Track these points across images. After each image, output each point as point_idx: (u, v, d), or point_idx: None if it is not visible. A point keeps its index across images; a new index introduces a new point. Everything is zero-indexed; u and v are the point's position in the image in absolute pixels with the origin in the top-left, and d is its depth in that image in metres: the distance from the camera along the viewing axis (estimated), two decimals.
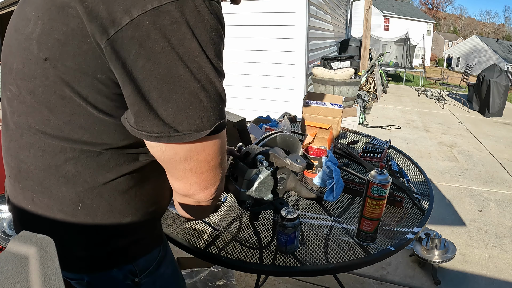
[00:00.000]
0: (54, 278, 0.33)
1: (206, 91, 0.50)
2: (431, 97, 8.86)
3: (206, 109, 0.51)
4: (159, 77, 0.47)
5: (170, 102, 0.49)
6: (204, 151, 0.55)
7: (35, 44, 0.51)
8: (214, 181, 0.60)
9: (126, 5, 0.45)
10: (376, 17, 24.44)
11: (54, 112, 0.53)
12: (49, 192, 0.58)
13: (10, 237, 1.36)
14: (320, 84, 4.41)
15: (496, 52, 24.30)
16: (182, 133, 0.51)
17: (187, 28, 0.47)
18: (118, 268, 0.65)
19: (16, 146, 0.59)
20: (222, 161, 0.60)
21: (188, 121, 0.50)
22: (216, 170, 0.60)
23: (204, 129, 0.52)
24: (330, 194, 1.18)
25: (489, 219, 2.84)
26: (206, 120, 0.52)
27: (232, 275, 1.76)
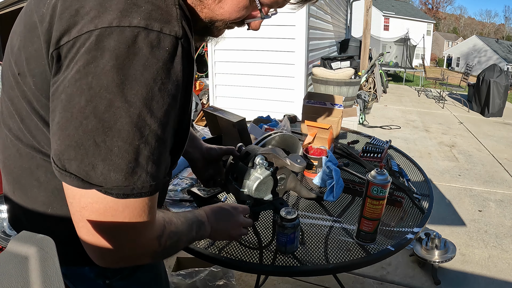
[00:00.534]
0: (54, 278, 0.33)
1: (108, 137, 0.42)
2: (431, 97, 8.86)
3: (103, 159, 0.43)
4: (64, 102, 0.43)
5: (63, 133, 0.43)
6: (85, 200, 0.45)
7: (14, 57, 0.54)
8: (100, 252, 0.49)
9: (68, 25, 0.45)
10: (376, 17, 24.44)
11: (25, 123, 0.55)
12: (25, 190, 0.60)
13: (10, 237, 1.36)
14: (320, 84, 4.41)
15: (496, 52, 24.30)
16: (65, 172, 0.44)
17: (111, 57, 0.42)
18: (90, 267, 0.65)
19: (2, 143, 0.62)
20: (118, 232, 0.48)
21: (76, 162, 0.43)
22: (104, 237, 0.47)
23: (92, 182, 0.43)
24: (330, 194, 1.18)
25: (489, 219, 2.84)
26: (100, 173, 0.43)
27: (232, 275, 1.76)
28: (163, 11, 0.46)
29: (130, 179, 0.44)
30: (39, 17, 0.49)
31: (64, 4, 0.46)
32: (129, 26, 0.43)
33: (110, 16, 0.43)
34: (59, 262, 0.63)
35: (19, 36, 0.54)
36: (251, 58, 3.84)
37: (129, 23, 0.43)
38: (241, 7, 0.56)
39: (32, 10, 0.52)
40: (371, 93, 6.86)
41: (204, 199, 1.14)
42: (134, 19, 0.44)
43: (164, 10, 0.46)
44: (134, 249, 0.51)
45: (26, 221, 0.63)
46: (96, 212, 0.46)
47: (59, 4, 0.47)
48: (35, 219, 0.62)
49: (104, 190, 0.44)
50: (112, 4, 0.44)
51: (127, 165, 0.44)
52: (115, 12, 0.44)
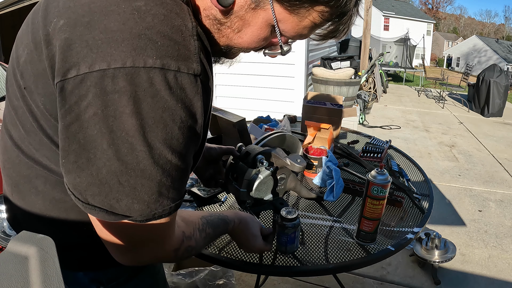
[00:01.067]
0: (54, 278, 0.33)
1: (132, 177, 0.44)
2: (431, 97, 8.86)
3: (127, 195, 0.44)
4: (82, 142, 0.43)
5: (84, 172, 0.44)
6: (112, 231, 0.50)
7: (20, 69, 0.52)
8: (125, 259, 0.54)
9: (78, 58, 0.42)
10: (376, 17, 24.44)
11: (28, 135, 0.54)
12: (23, 196, 0.60)
13: (10, 237, 1.36)
14: (320, 84, 4.41)
15: (496, 52, 24.31)
16: (89, 205, 0.45)
17: (129, 100, 0.41)
18: (84, 272, 0.65)
19: (3, 146, 0.62)
20: (141, 247, 0.53)
21: (100, 198, 0.45)
22: (130, 251, 0.53)
23: (117, 212, 0.45)
24: (330, 194, 1.18)
25: (489, 219, 2.84)
26: (125, 205, 0.45)
27: (232, 275, 1.76)
28: (180, 46, 0.44)
29: (152, 207, 0.46)
30: (44, 37, 0.47)
31: (73, 32, 0.43)
32: (144, 67, 0.42)
33: (123, 54, 0.41)
34: None
35: (26, 48, 0.51)
36: (251, 58, 3.83)
37: (144, 64, 0.42)
38: (261, 38, 0.54)
39: (39, 25, 0.49)
40: (371, 93, 6.86)
41: (204, 199, 1.14)
42: (149, 59, 0.42)
43: (181, 44, 0.44)
44: (152, 257, 0.56)
45: (24, 222, 0.64)
46: (123, 234, 0.50)
47: (68, 31, 0.44)
48: (32, 223, 0.62)
49: (129, 219, 0.47)
50: (125, 39, 0.42)
51: (149, 197, 0.45)
52: (129, 49, 0.41)
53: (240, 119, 1.31)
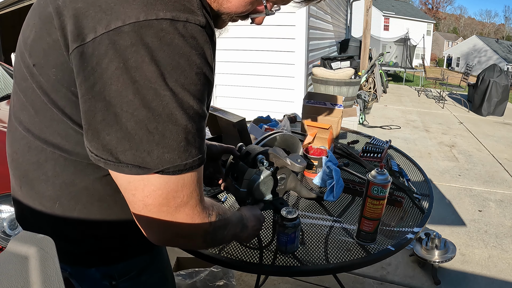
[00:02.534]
0: (54, 278, 0.33)
1: (160, 123, 0.45)
2: (431, 97, 8.86)
3: (158, 144, 0.46)
4: (108, 99, 0.45)
5: (113, 128, 0.45)
6: (149, 188, 0.49)
7: (28, 49, 0.54)
8: (160, 228, 0.53)
9: (94, 22, 0.45)
10: (376, 17, 24.44)
11: (38, 114, 0.55)
12: (32, 185, 0.60)
13: (10, 237, 1.36)
14: (320, 84, 4.41)
15: (496, 52, 24.30)
16: (121, 164, 0.46)
17: (147, 51, 0.44)
18: (96, 268, 0.65)
19: (12, 137, 0.62)
20: (177, 208, 0.51)
21: (132, 152, 0.46)
22: (165, 219, 0.51)
23: (149, 167, 0.46)
24: (330, 194, 1.18)
25: (489, 219, 2.84)
26: (157, 156, 0.46)
27: (232, 275, 1.76)
28: (185, 1, 0.48)
29: (183, 156, 0.48)
30: (55, 9, 0.49)
31: (85, 0, 0.46)
32: (157, 19, 0.45)
33: (136, 11, 0.44)
34: (65, 262, 0.64)
35: (33, 28, 0.53)
36: (251, 58, 3.84)
37: (156, 16, 0.45)
38: (247, 2, 0.58)
39: (46, 2, 0.51)
40: (371, 93, 6.86)
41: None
42: (160, 12, 0.45)
43: (185, 0, 0.48)
44: (190, 225, 0.54)
45: (32, 217, 0.63)
46: (160, 197, 0.49)
47: (80, 1, 0.47)
48: (41, 215, 0.61)
49: (162, 172, 0.47)
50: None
51: (178, 145, 0.47)
52: (140, 6, 0.45)
53: (240, 119, 1.31)
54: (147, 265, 0.71)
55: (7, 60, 5.26)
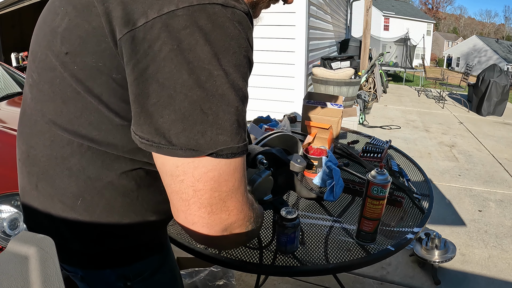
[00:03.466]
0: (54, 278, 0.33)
1: (213, 104, 0.46)
2: (431, 97, 8.86)
3: (211, 125, 0.46)
4: (161, 81, 0.45)
5: (167, 109, 0.45)
6: (200, 170, 0.47)
7: (59, 38, 0.53)
8: (210, 220, 0.50)
9: (144, 7, 0.46)
10: (376, 17, 24.44)
11: (67, 104, 0.54)
12: (53, 182, 0.59)
13: (10, 237, 1.36)
14: (320, 84, 4.41)
15: (496, 52, 24.30)
16: (174, 147, 0.46)
17: (200, 33, 0.45)
18: (111, 269, 0.65)
19: (29, 131, 0.61)
20: (228, 195, 0.50)
21: (185, 134, 0.45)
22: (216, 206, 0.50)
23: (203, 149, 0.46)
24: (330, 194, 1.18)
25: (489, 219, 2.84)
26: (210, 138, 0.46)
27: (232, 275, 1.76)
28: None
29: (235, 139, 0.48)
30: None
31: None
32: (210, 3, 0.46)
33: None
34: (78, 264, 0.64)
35: (65, 16, 0.53)
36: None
37: (209, 1, 0.46)
38: None
39: None
40: (371, 93, 6.86)
41: None
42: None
43: None
44: (238, 216, 0.53)
45: (47, 219, 0.61)
46: (211, 181, 0.48)
47: None
48: (60, 215, 0.60)
49: (216, 154, 0.47)
50: None
51: (231, 126, 0.47)
52: None
53: None
54: (159, 264, 0.71)
55: (7, 60, 5.25)
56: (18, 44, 6.05)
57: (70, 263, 0.65)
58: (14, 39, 6.29)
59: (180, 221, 0.52)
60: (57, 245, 0.56)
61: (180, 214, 0.51)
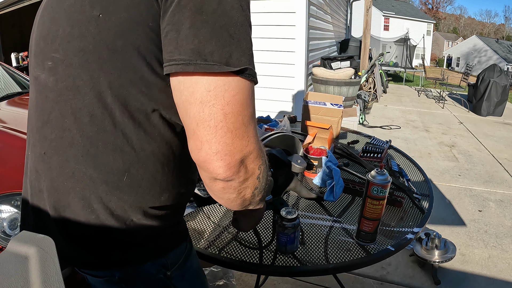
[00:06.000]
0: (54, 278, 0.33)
1: (237, 29, 0.52)
2: (431, 97, 8.86)
3: (237, 47, 0.51)
4: (194, 8, 0.50)
5: (201, 31, 0.50)
6: (229, 93, 0.51)
7: (87, 4, 0.54)
8: (233, 147, 0.52)
9: None
10: (376, 17, 24.44)
11: (104, 67, 0.54)
12: (95, 161, 0.57)
13: (10, 237, 1.36)
14: (320, 84, 4.41)
15: (496, 52, 24.30)
16: (210, 62, 0.50)
17: None
18: (152, 261, 0.64)
19: (59, 115, 0.58)
20: (248, 121, 0.54)
21: (218, 52, 0.50)
22: (239, 131, 0.53)
23: (234, 65, 0.51)
24: (330, 194, 1.18)
25: (489, 219, 2.84)
26: (236, 58, 0.51)
27: (232, 275, 1.76)
28: None
29: (252, 64, 0.54)
30: None
31: None
32: None
33: None
34: (116, 266, 0.63)
35: None
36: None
37: None
38: None
39: None
40: (371, 93, 6.86)
41: (204, 199, 1.14)
42: None
43: None
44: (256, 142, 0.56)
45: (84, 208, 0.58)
46: (238, 104, 0.52)
47: None
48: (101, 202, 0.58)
49: (243, 74, 0.52)
50: None
51: (249, 52, 0.54)
52: None
53: None
54: (189, 250, 0.73)
55: (7, 60, 5.25)
56: (18, 44, 6.05)
57: (108, 267, 0.63)
58: (14, 39, 6.29)
59: (202, 154, 0.53)
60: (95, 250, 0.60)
61: (204, 146, 0.52)
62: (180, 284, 0.70)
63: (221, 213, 1.13)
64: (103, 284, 0.66)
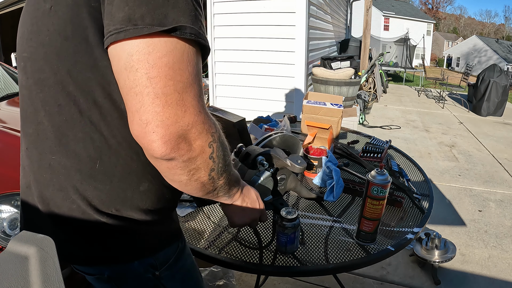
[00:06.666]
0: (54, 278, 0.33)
1: None
2: (431, 97, 8.86)
3: (174, 7, 0.48)
4: None
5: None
6: (154, 56, 0.47)
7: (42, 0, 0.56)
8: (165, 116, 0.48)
9: None
10: (376, 17, 24.44)
11: (61, 57, 0.54)
12: (67, 150, 0.58)
13: (10, 237, 1.36)
14: (320, 84, 4.41)
15: (496, 52, 24.30)
16: (140, 26, 0.47)
17: None
18: (139, 260, 0.64)
19: (33, 110, 0.60)
20: (183, 88, 0.49)
21: (150, 14, 0.47)
22: (170, 98, 0.48)
23: (167, 25, 0.47)
24: (330, 194, 1.18)
25: (489, 219, 2.84)
26: (173, 18, 0.48)
27: (232, 275, 1.76)
28: None
29: (195, 24, 0.50)
30: None
31: None
32: None
33: None
34: (103, 262, 0.63)
35: None
36: (251, 58, 3.84)
37: None
38: None
39: None
40: (371, 93, 6.86)
41: (204, 199, 1.14)
42: None
43: None
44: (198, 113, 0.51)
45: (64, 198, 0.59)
46: (165, 67, 0.48)
47: None
48: (77, 191, 0.58)
49: (177, 33, 0.48)
50: None
51: (190, 12, 0.49)
52: None
53: (240, 119, 1.31)
54: (181, 249, 0.72)
55: (7, 60, 5.26)
56: None
57: (96, 263, 0.63)
58: (14, 39, 6.27)
59: (135, 127, 0.49)
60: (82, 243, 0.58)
61: (135, 117, 0.49)
62: (171, 284, 0.70)
63: (221, 213, 1.13)
64: (96, 283, 0.67)
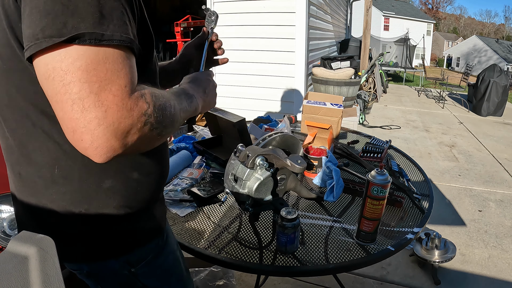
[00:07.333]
0: (54, 278, 0.33)
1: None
2: (431, 97, 8.86)
3: (72, 15, 0.46)
4: None
5: (33, 12, 0.46)
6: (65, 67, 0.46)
7: None
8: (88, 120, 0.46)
9: None
10: (376, 17, 24.44)
11: (8, 76, 0.56)
12: (29, 160, 0.60)
13: (10, 237, 1.36)
14: (320, 84, 4.41)
15: (496, 52, 24.29)
16: (40, 40, 0.46)
17: None
18: (115, 258, 0.66)
19: (0, 127, 0.62)
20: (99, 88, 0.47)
21: (50, 27, 0.46)
22: (88, 100, 0.46)
23: (65, 35, 0.46)
24: (330, 194, 1.18)
25: (489, 219, 2.84)
26: (71, 27, 0.46)
27: (232, 275, 1.76)
28: None
29: (98, 27, 0.47)
30: None
31: None
32: None
33: None
34: (81, 259, 0.65)
35: None
36: (251, 58, 3.84)
37: None
38: None
39: None
40: (371, 93, 6.86)
41: (204, 199, 1.14)
42: None
43: None
44: (121, 109, 0.48)
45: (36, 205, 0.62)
46: (79, 71, 0.46)
47: None
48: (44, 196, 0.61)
49: (79, 40, 0.46)
50: None
51: (93, 16, 0.47)
52: None
53: (240, 119, 1.31)
54: (161, 247, 0.73)
55: None
56: None
57: (75, 259, 0.66)
58: None
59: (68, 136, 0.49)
60: (61, 240, 0.56)
61: (63, 126, 0.48)
62: (148, 281, 0.71)
63: (221, 213, 1.13)
64: (80, 277, 0.70)
